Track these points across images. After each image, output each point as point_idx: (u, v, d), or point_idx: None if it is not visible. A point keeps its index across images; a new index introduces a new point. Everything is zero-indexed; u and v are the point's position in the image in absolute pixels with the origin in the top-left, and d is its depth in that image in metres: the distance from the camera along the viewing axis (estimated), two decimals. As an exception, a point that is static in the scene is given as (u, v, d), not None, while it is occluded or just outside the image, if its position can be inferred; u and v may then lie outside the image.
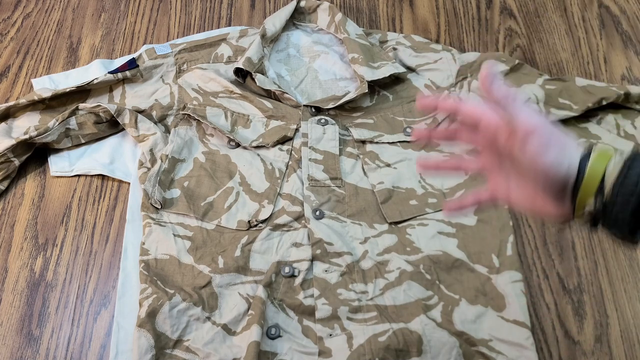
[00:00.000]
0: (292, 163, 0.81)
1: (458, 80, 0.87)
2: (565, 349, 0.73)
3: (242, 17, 1.02)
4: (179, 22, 1.02)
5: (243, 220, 0.76)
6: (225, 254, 0.74)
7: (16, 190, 0.84)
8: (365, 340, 0.68)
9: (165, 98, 0.86)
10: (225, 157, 0.82)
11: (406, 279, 0.72)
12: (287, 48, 0.93)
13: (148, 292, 0.70)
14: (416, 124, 0.84)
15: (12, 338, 0.74)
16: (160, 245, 0.75)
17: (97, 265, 0.79)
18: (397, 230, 0.76)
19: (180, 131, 0.83)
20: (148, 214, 0.76)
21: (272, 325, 0.70)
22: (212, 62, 0.89)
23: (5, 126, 0.84)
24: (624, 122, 0.85)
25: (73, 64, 0.97)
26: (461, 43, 0.99)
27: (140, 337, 0.67)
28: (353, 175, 0.81)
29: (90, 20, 1.02)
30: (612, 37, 0.99)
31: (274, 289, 0.72)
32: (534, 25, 1.01)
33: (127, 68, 0.86)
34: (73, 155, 0.86)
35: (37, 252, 0.80)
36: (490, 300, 0.72)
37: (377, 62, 0.87)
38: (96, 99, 0.87)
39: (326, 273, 0.73)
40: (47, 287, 0.77)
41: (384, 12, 1.03)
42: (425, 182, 0.80)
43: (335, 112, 0.86)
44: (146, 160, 0.80)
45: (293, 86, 0.90)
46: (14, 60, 0.97)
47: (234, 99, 0.86)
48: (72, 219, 0.82)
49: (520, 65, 0.89)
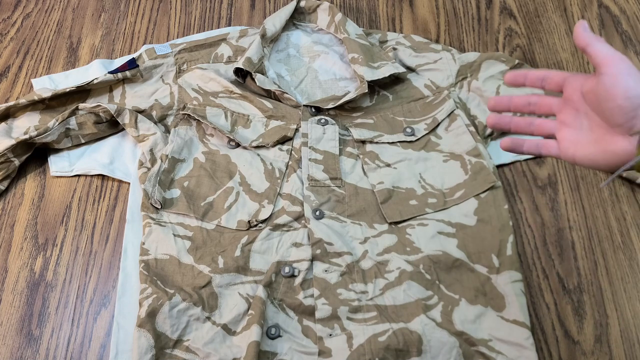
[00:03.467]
0: (292, 163, 0.81)
1: (458, 80, 0.88)
2: (565, 349, 0.73)
3: (242, 17, 1.02)
4: (179, 22, 1.02)
5: (243, 220, 0.76)
6: (225, 254, 0.74)
7: (16, 190, 0.84)
8: (365, 340, 0.69)
9: (165, 98, 0.86)
10: (225, 157, 0.82)
11: (406, 279, 0.72)
12: (287, 48, 0.93)
13: (148, 292, 0.70)
14: (416, 124, 0.84)
15: (12, 338, 0.74)
16: (160, 245, 0.75)
17: (97, 265, 0.79)
18: (397, 230, 0.76)
19: (180, 131, 0.83)
20: (148, 214, 0.76)
21: (272, 325, 0.70)
22: (212, 62, 0.89)
23: (5, 126, 0.84)
24: (624, 122, 0.85)
25: (73, 64, 0.97)
26: (461, 43, 0.99)
27: (140, 337, 0.67)
28: (353, 175, 0.81)
29: (90, 20, 1.02)
30: (612, 37, 0.99)
31: (274, 289, 0.72)
32: (534, 25, 1.01)
33: (127, 68, 0.86)
34: (73, 155, 0.86)
35: (37, 252, 0.80)
36: (490, 300, 0.72)
37: (377, 62, 0.87)
38: (96, 99, 0.87)
39: (326, 273, 0.73)
40: (47, 287, 0.77)
41: (384, 12, 1.03)
42: (425, 182, 0.80)
43: (335, 112, 0.86)
44: (146, 160, 0.81)
45: (293, 86, 0.90)
46: (14, 60, 0.97)
47: (234, 99, 0.86)
48: (72, 219, 0.82)
49: (520, 65, 0.89)
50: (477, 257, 0.74)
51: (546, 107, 0.54)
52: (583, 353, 0.72)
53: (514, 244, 0.75)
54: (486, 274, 0.73)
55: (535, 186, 0.84)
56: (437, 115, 0.85)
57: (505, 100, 0.56)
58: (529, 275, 0.77)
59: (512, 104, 0.55)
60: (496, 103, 0.56)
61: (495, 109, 0.56)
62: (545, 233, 0.81)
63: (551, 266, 0.78)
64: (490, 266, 0.74)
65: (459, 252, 0.75)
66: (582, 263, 0.78)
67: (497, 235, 0.76)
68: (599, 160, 0.49)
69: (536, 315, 0.75)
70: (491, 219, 0.77)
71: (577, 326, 0.74)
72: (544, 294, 0.76)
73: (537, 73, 0.53)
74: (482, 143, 0.82)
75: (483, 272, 0.74)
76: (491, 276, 0.73)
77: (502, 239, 0.75)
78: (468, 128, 0.82)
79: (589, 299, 0.76)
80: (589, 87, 0.49)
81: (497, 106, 0.56)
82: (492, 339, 0.69)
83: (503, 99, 0.56)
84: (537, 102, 0.55)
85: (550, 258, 0.79)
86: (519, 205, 0.83)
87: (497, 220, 0.77)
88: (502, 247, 0.75)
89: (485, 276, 0.73)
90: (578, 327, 0.74)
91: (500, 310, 0.71)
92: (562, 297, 0.76)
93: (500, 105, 0.56)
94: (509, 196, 0.83)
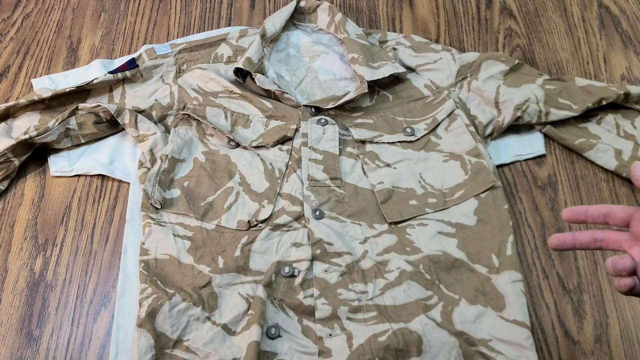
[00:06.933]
0: (292, 163, 0.81)
1: (458, 80, 0.88)
2: (565, 349, 0.73)
3: (242, 17, 1.02)
4: (178, 22, 1.02)
5: (243, 220, 0.76)
6: (225, 254, 0.74)
7: (16, 190, 0.84)
8: (365, 340, 0.68)
9: (165, 98, 0.86)
10: (225, 157, 0.82)
11: (406, 278, 0.72)
12: (287, 48, 0.93)
13: (148, 292, 0.70)
14: (416, 124, 0.84)
15: (12, 338, 0.74)
16: (160, 245, 0.75)
17: (97, 265, 0.79)
18: (397, 230, 0.76)
19: (180, 131, 0.83)
20: (148, 214, 0.76)
21: (272, 325, 0.70)
22: (212, 62, 0.89)
23: (5, 126, 0.84)
24: (624, 122, 0.85)
25: (73, 64, 0.97)
26: (461, 43, 0.99)
27: (140, 337, 0.67)
28: (353, 175, 0.81)
29: (90, 20, 1.02)
30: (612, 37, 0.99)
31: (274, 289, 0.72)
32: (534, 25, 1.01)
33: (127, 68, 0.86)
34: (73, 155, 0.86)
35: (37, 252, 0.80)
36: (490, 300, 0.72)
37: (377, 62, 0.87)
38: (96, 99, 0.87)
39: (326, 273, 0.73)
40: (47, 287, 0.77)
41: (384, 12, 1.03)
42: (425, 182, 0.80)
43: (335, 112, 0.86)
44: (146, 160, 0.81)
45: (293, 86, 0.90)
46: (13, 60, 0.97)
47: (234, 99, 0.86)
48: (72, 219, 0.82)
49: (520, 65, 0.89)
50: (477, 257, 0.74)
51: (615, 244, 0.50)
52: (583, 353, 0.72)
53: (514, 244, 0.75)
54: (486, 274, 0.73)
55: (535, 186, 0.84)
56: (437, 115, 0.85)
57: (568, 239, 0.52)
58: (529, 275, 0.78)
59: (577, 242, 0.52)
60: (559, 242, 0.53)
61: (573, 219, 0.53)
62: (545, 233, 0.81)
63: (551, 266, 0.78)
64: (490, 266, 0.74)
65: (459, 252, 0.75)
66: (582, 263, 0.78)
67: (497, 235, 0.75)
68: None
69: (536, 315, 0.75)
70: (491, 219, 0.77)
71: (577, 326, 0.74)
72: (544, 294, 0.76)
73: (598, 209, 0.50)
74: (482, 143, 0.82)
75: (483, 272, 0.73)
76: (491, 276, 0.73)
77: (502, 239, 0.75)
78: (468, 128, 0.82)
79: (588, 299, 0.76)
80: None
81: (573, 217, 0.52)
82: (492, 339, 0.69)
83: (567, 241, 0.52)
84: (604, 239, 0.51)
85: (550, 258, 0.79)
86: (519, 205, 0.83)
87: (497, 220, 0.77)
88: (502, 247, 0.75)
89: (485, 276, 0.73)
90: (578, 327, 0.74)
91: (500, 310, 0.71)
92: (562, 297, 0.76)
93: (575, 216, 0.52)
94: (509, 196, 0.83)
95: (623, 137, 0.84)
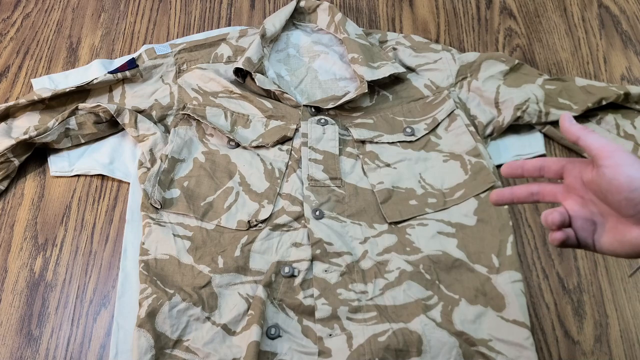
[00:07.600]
0: (291, 163, 0.81)
1: (458, 80, 0.88)
2: (565, 349, 0.73)
3: (242, 17, 1.02)
4: (178, 22, 1.02)
5: (243, 220, 0.76)
6: (225, 254, 0.74)
7: (16, 190, 0.84)
8: (365, 340, 0.68)
9: (165, 98, 0.86)
10: (225, 157, 0.82)
11: (406, 279, 0.72)
12: (287, 48, 0.93)
13: (148, 292, 0.70)
14: (416, 124, 0.84)
15: (12, 338, 0.74)
16: (160, 245, 0.75)
17: (96, 265, 0.79)
18: (397, 230, 0.76)
19: (180, 131, 0.83)
20: (148, 214, 0.76)
21: (271, 325, 0.70)
22: (211, 62, 0.89)
23: (5, 126, 0.84)
24: (624, 122, 0.85)
25: (73, 64, 0.97)
26: (461, 43, 0.99)
27: (140, 337, 0.67)
28: (353, 175, 0.81)
29: (90, 20, 1.02)
30: (612, 37, 0.99)
31: (274, 289, 0.72)
32: (534, 25, 1.01)
33: (126, 68, 0.86)
34: (73, 155, 0.86)
35: (37, 252, 0.80)
36: (490, 300, 0.72)
37: (377, 62, 0.87)
38: (96, 99, 0.87)
39: (326, 273, 0.73)
40: (46, 287, 0.77)
41: (384, 12, 1.03)
42: (425, 182, 0.80)
43: (335, 112, 0.86)
44: (146, 160, 0.80)
45: (293, 86, 0.90)
46: (13, 60, 0.97)
47: (234, 99, 0.86)
48: (71, 219, 0.82)
49: (520, 65, 0.89)
50: (477, 257, 0.74)
51: (550, 196, 0.52)
52: (583, 353, 0.72)
53: (514, 244, 0.75)
54: (486, 274, 0.73)
55: (535, 186, 0.84)
56: (437, 115, 0.84)
57: (507, 194, 0.53)
58: (529, 275, 0.77)
59: (514, 196, 0.53)
60: (497, 197, 0.53)
61: (499, 200, 0.54)
62: (545, 233, 0.81)
63: (551, 266, 0.78)
64: (490, 266, 0.74)
65: (458, 252, 0.75)
66: (582, 263, 0.78)
67: (497, 235, 0.75)
68: (618, 250, 0.47)
69: (536, 315, 0.75)
70: (491, 219, 0.77)
71: (577, 326, 0.74)
72: (544, 294, 0.76)
73: (534, 162, 0.52)
74: (482, 143, 0.82)
75: (483, 272, 0.73)
76: (491, 276, 0.73)
77: (502, 239, 0.75)
78: (468, 128, 0.82)
79: (588, 299, 0.76)
80: (590, 177, 0.47)
81: (499, 198, 0.54)
82: (492, 339, 0.69)
83: (504, 192, 0.53)
84: (539, 192, 0.52)
85: (550, 258, 0.79)
86: (519, 205, 0.83)
87: (497, 220, 0.76)
88: (502, 247, 0.75)
89: (485, 276, 0.73)
90: (578, 327, 0.74)
91: (500, 310, 0.71)
92: (562, 297, 0.76)
93: (502, 197, 0.53)
94: (508, 196, 0.83)
95: (623, 137, 0.84)
